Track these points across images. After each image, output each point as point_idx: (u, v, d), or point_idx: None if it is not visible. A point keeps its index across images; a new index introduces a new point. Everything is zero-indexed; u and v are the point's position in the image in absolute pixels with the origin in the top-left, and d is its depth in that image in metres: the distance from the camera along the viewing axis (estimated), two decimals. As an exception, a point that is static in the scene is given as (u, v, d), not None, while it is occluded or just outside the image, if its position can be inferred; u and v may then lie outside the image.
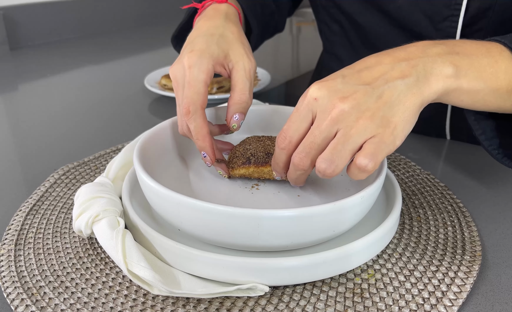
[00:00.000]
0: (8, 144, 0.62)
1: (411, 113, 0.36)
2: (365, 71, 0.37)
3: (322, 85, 0.36)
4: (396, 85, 0.36)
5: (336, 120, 0.34)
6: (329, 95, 0.35)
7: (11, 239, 0.40)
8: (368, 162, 0.34)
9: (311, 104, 0.36)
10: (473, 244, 0.39)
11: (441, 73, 0.37)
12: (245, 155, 0.43)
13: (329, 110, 0.35)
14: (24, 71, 1.00)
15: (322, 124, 0.35)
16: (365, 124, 0.34)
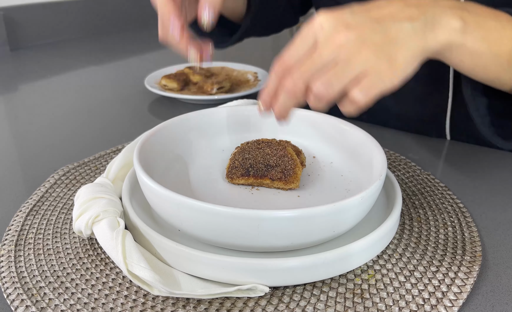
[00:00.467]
0: (8, 144, 0.62)
1: (414, 56, 0.36)
2: (375, 9, 0.37)
3: (330, 14, 0.35)
4: (403, 26, 0.36)
5: (339, 47, 0.34)
6: (336, 23, 0.35)
7: (11, 239, 0.40)
8: (360, 95, 0.34)
9: (316, 30, 0.35)
10: (473, 245, 0.39)
11: (448, 24, 0.37)
12: (244, 166, 0.43)
13: (334, 36, 0.34)
14: (24, 72, 1.00)
15: (324, 50, 0.34)
16: (367, 55, 0.34)
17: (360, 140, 0.47)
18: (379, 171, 0.40)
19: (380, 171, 0.39)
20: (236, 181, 0.44)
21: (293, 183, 0.43)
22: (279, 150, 0.45)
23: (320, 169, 0.48)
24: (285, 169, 0.43)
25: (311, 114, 0.52)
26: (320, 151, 0.51)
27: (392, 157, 0.56)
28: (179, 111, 0.75)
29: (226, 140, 0.52)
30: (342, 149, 0.49)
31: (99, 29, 1.44)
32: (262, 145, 0.46)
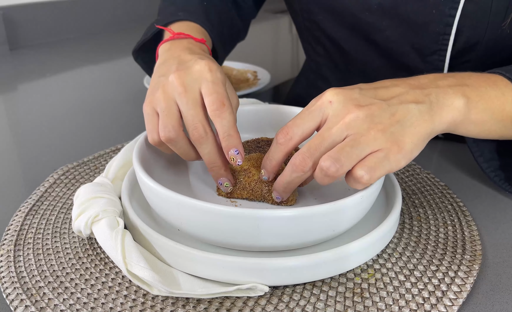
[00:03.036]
0: (8, 144, 0.62)
1: (421, 138, 0.36)
2: (382, 89, 0.37)
3: (340, 91, 0.36)
4: (410, 108, 0.36)
5: (348, 125, 0.34)
6: (345, 101, 0.35)
7: (11, 239, 0.39)
8: (364, 174, 0.33)
9: (325, 106, 0.36)
10: (473, 244, 0.39)
11: (453, 105, 0.38)
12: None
13: (343, 114, 0.35)
14: (24, 71, 1.00)
15: (333, 127, 0.35)
16: (376, 136, 0.34)
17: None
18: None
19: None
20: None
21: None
22: None
23: (319, 168, 0.48)
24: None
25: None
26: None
27: (392, 156, 0.56)
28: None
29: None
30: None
31: (98, 28, 1.44)
32: (261, 143, 0.46)
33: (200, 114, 0.39)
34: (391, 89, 0.38)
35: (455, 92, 0.38)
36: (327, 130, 0.35)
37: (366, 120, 0.34)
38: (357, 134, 0.34)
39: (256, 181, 0.41)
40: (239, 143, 0.38)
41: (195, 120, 0.38)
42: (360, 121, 0.34)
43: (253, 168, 0.41)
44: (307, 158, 0.35)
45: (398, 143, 0.34)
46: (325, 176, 0.34)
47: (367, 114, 0.34)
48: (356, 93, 0.36)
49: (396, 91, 0.37)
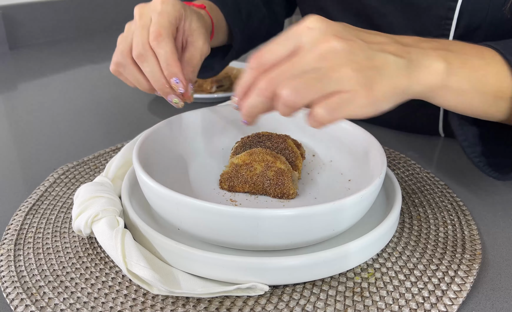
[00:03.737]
0: (8, 143, 0.62)
1: (394, 92, 0.34)
2: (366, 33, 0.36)
3: (322, 19, 0.33)
4: (389, 58, 0.34)
5: (322, 56, 0.32)
6: (326, 30, 0.33)
7: (11, 238, 0.39)
8: (323, 113, 0.31)
9: (303, 32, 0.33)
10: (473, 243, 0.39)
11: (432, 67, 0.36)
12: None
13: (320, 43, 0.32)
14: (24, 71, 1.00)
15: (307, 56, 0.32)
16: (348, 74, 0.31)
17: (360, 138, 0.46)
18: (378, 169, 0.39)
19: (380, 169, 0.39)
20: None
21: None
22: (279, 143, 0.45)
23: (319, 168, 0.48)
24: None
25: (310, 113, 0.52)
26: (320, 149, 0.51)
27: (392, 155, 0.56)
28: (178, 110, 0.74)
29: (225, 138, 0.52)
30: (341, 147, 0.49)
31: (98, 28, 1.44)
32: (262, 138, 0.46)
33: (144, 36, 0.44)
34: (375, 36, 0.36)
35: (437, 55, 0.36)
36: (299, 57, 0.32)
37: (342, 54, 0.32)
38: (328, 68, 0.31)
39: (257, 175, 0.42)
40: (178, 71, 0.42)
41: (138, 41, 0.44)
42: (335, 54, 0.32)
43: (254, 163, 0.42)
44: (272, 83, 0.32)
45: (370, 88, 0.32)
46: (283, 105, 0.32)
47: (344, 48, 0.32)
48: (339, 26, 0.34)
49: (378, 39, 0.35)
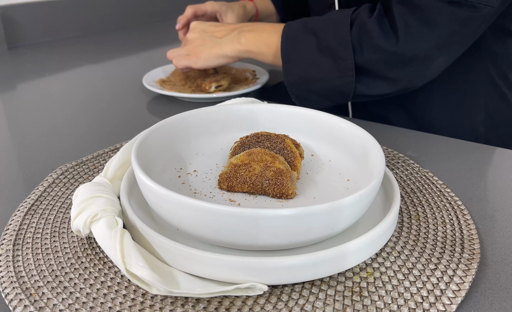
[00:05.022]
0: (6, 143, 0.62)
1: (211, 55, 0.74)
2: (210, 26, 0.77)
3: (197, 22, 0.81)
4: (213, 39, 0.75)
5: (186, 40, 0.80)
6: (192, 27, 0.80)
7: (9, 239, 0.39)
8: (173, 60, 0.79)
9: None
10: (471, 242, 0.39)
11: (238, 40, 0.72)
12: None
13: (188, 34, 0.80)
14: (22, 71, 1.00)
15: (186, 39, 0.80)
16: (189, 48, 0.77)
17: (359, 138, 0.47)
18: (377, 169, 0.40)
19: (379, 169, 0.39)
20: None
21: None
22: (278, 143, 0.45)
23: (318, 167, 0.48)
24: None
25: (309, 112, 0.52)
26: (319, 149, 0.51)
27: (391, 155, 0.56)
28: (177, 110, 0.75)
29: (224, 138, 0.52)
30: (340, 147, 0.49)
31: (97, 28, 1.44)
32: (261, 138, 0.46)
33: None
34: (214, 27, 0.77)
35: (243, 34, 0.71)
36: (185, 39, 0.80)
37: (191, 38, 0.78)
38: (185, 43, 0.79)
39: (256, 175, 0.42)
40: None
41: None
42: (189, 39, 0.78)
43: (253, 163, 0.42)
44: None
45: (198, 53, 0.75)
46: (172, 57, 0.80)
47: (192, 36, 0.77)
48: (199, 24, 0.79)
49: (214, 29, 0.76)
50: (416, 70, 0.62)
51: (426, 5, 0.57)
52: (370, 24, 0.60)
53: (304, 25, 0.66)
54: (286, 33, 0.66)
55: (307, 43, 0.64)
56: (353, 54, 0.60)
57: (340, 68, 0.61)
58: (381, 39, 0.59)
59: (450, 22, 0.58)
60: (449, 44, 0.60)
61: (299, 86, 0.66)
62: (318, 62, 0.63)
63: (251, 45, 0.70)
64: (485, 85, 0.74)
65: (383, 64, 0.61)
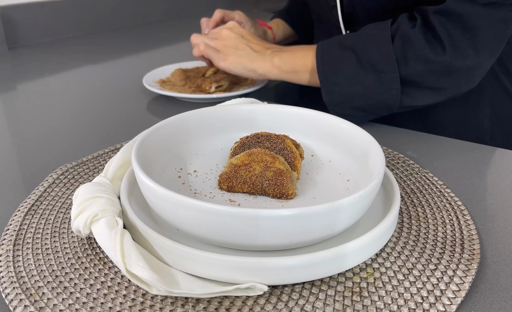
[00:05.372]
0: (6, 144, 0.62)
1: (239, 63, 0.72)
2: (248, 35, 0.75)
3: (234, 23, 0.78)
4: (246, 48, 0.72)
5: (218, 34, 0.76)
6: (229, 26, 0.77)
7: (10, 239, 0.39)
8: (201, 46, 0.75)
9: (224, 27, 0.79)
10: (471, 243, 0.39)
11: (271, 60, 0.70)
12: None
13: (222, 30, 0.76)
14: (22, 71, 1.00)
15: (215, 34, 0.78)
16: (220, 44, 0.74)
17: (359, 138, 0.47)
18: (377, 169, 0.40)
19: (379, 169, 0.39)
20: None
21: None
22: (278, 143, 0.45)
23: (318, 168, 0.48)
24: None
25: (309, 112, 0.52)
26: (319, 149, 0.51)
27: (391, 155, 0.56)
28: (177, 110, 0.75)
29: (224, 138, 0.52)
30: (340, 147, 0.49)
31: (97, 28, 1.44)
32: (261, 138, 0.46)
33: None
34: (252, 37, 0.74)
35: (277, 54, 0.70)
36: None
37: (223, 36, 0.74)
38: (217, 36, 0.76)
39: (256, 176, 0.42)
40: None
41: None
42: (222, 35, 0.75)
43: (253, 163, 0.42)
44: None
45: (225, 55, 0.73)
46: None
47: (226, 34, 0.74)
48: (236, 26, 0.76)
49: (252, 40, 0.74)
50: (464, 78, 0.61)
51: (464, 12, 0.57)
52: (414, 35, 0.59)
53: (340, 43, 0.65)
54: (321, 52, 0.65)
55: (346, 61, 0.63)
56: (397, 67, 0.60)
57: (384, 83, 0.61)
58: (427, 50, 0.59)
59: (490, 25, 0.58)
60: (493, 47, 0.60)
61: (342, 104, 0.65)
62: (361, 79, 0.62)
63: (285, 65, 0.69)
64: (490, 81, 0.75)
65: (430, 75, 0.60)
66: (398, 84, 0.61)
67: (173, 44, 1.28)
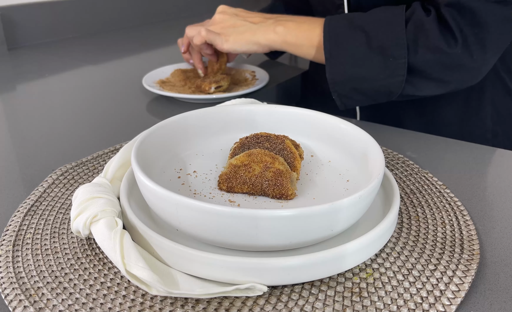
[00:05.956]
0: (6, 144, 0.62)
1: (242, 41, 0.70)
2: (243, 12, 0.74)
3: (224, 6, 0.77)
4: (246, 23, 0.71)
5: (213, 20, 0.76)
6: (220, 10, 0.77)
7: (9, 240, 0.39)
8: (203, 32, 0.72)
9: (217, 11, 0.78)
10: (471, 243, 0.39)
11: (275, 30, 0.68)
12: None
13: (215, 15, 0.77)
14: (22, 72, 1.00)
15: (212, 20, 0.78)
16: (217, 27, 0.73)
17: (358, 138, 0.47)
18: (377, 169, 0.40)
19: (378, 169, 0.39)
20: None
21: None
22: (278, 144, 0.46)
23: (318, 168, 0.48)
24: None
25: (309, 113, 0.52)
26: (318, 150, 0.51)
27: (390, 156, 0.56)
28: (177, 110, 0.75)
29: (224, 139, 0.52)
30: (340, 147, 0.49)
31: (96, 29, 1.44)
32: (261, 139, 0.46)
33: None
34: (246, 13, 0.74)
35: (281, 23, 0.68)
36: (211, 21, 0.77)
37: (218, 19, 0.74)
38: (212, 22, 0.75)
39: (256, 176, 0.42)
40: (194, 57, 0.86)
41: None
42: (217, 19, 0.75)
43: (253, 163, 0.42)
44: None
45: (226, 36, 0.71)
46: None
47: (221, 17, 0.74)
48: (228, 8, 0.75)
49: (248, 15, 0.73)
50: (468, 73, 0.61)
51: (475, 7, 0.57)
52: (429, 23, 0.58)
53: (349, 21, 0.63)
54: (329, 27, 0.63)
55: (354, 40, 0.61)
56: (407, 53, 0.59)
57: (390, 67, 0.60)
58: (440, 41, 0.58)
59: (498, 23, 0.58)
60: (499, 45, 0.60)
61: (344, 84, 0.63)
62: (367, 61, 0.61)
63: (290, 36, 0.67)
64: (491, 79, 0.75)
65: (437, 66, 0.60)
66: (404, 71, 0.60)
67: (173, 44, 1.28)
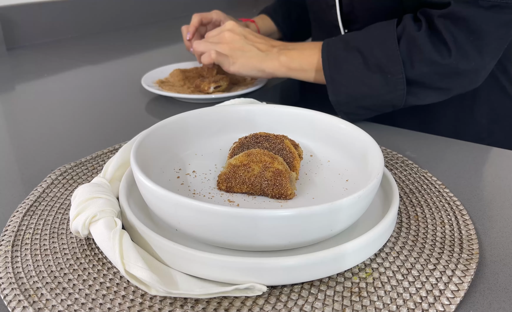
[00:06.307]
0: (5, 144, 0.62)
1: (247, 65, 0.72)
2: (251, 35, 0.74)
3: (233, 23, 0.76)
4: (253, 49, 0.72)
5: (221, 37, 0.75)
6: (229, 27, 0.75)
7: (8, 240, 0.39)
8: (211, 52, 0.72)
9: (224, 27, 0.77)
10: (470, 243, 0.39)
11: (278, 58, 0.71)
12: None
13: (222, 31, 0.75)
14: (21, 72, 1.00)
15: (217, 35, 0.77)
16: (225, 47, 0.73)
17: (358, 138, 0.47)
18: (376, 169, 0.40)
19: (377, 169, 0.39)
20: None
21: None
22: (277, 143, 0.46)
23: (317, 168, 0.48)
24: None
25: (308, 113, 0.52)
26: (317, 150, 0.51)
27: (389, 156, 0.56)
28: (176, 110, 0.75)
29: (223, 139, 0.52)
30: (339, 147, 0.49)
31: (96, 29, 1.44)
32: (260, 139, 0.46)
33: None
34: (255, 37, 0.74)
35: (284, 52, 0.71)
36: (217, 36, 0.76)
37: (227, 39, 0.73)
38: (219, 42, 0.74)
39: (255, 176, 0.42)
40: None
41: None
42: (225, 38, 0.74)
43: (252, 163, 0.42)
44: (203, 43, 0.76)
45: (234, 58, 0.72)
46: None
47: (230, 36, 0.73)
48: (238, 27, 0.74)
49: (256, 39, 0.74)
50: (468, 79, 0.62)
51: (468, 16, 0.58)
52: (420, 38, 0.60)
53: (345, 43, 0.65)
54: (327, 52, 0.66)
55: (352, 61, 0.63)
56: (403, 69, 0.61)
57: (390, 84, 0.62)
58: (434, 53, 0.60)
59: (494, 28, 0.58)
60: (496, 49, 0.61)
61: (348, 104, 0.65)
62: (367, 80, 0.63)
63: (293, 62, 0.69)
64: (487, 79, 0.75)
65: (436, 76, 0.61)
66: (404, 85, 0.61)
67: (172, 44, 1.28)
